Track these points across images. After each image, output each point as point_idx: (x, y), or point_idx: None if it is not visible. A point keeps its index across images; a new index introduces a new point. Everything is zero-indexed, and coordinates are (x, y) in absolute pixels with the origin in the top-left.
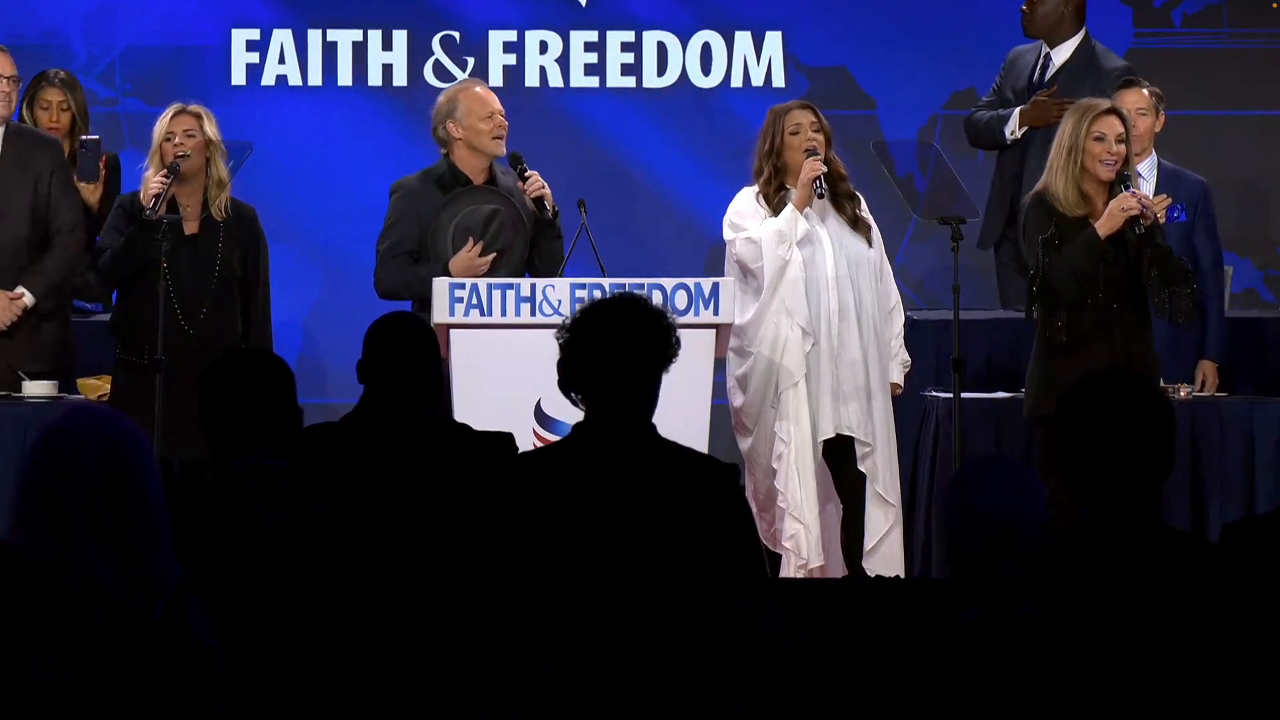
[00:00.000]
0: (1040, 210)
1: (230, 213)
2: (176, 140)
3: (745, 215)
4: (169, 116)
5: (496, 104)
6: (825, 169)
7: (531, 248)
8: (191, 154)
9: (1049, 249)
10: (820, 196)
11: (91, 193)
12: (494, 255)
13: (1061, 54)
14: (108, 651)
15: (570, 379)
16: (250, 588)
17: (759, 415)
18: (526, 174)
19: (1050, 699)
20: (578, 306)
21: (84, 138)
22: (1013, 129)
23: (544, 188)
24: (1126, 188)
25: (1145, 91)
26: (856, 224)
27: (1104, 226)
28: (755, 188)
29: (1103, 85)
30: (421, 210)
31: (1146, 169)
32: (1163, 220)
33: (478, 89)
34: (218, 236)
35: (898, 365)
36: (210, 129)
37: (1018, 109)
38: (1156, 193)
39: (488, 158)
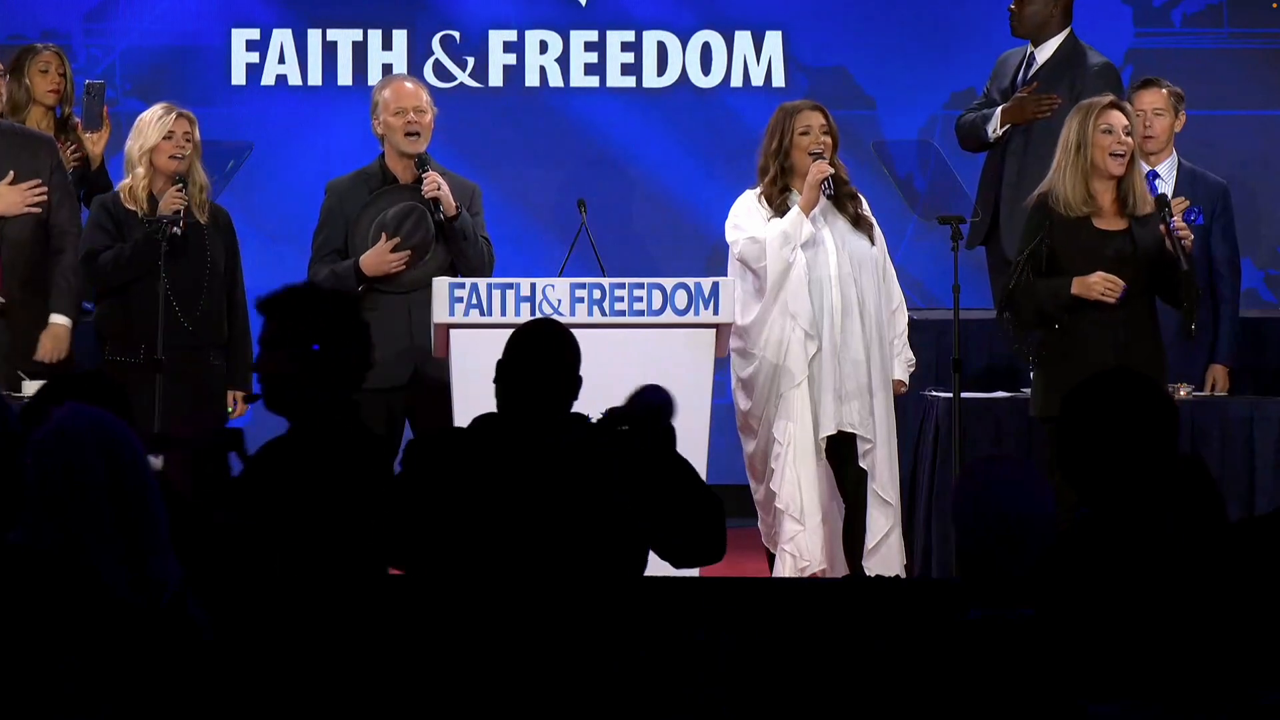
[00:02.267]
0: (1037, 217)
1: (210, 213)
2: (178, 141)
3: (748, 216)
4: (171, 116)
5: (412, 100)
6: (833, 170)
7: (452, 253)
8: (187, 154)
9: (1029, 266)
10: (829, 197)
11: (95, 142)
12: (408, 252)
13: (1045, 52)
14: (112, 644)
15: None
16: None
17: (763, 417)
18: (424, 174)
19: (1049, 699)
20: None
21: (88, 81)
22: (994, 127)
23: (439, 188)
24: (1168, 218)
25: (1164, 91)
26: (859, 223)
27: (1079, 288)
28: (757, 189)
29: (1082, 81)
30: (349, 209)
31: (1166, 169)
32: (1181, 225)
33: (396, 83)
34: (203, 235)
35: (902, 363)
36: (197, 133)
37: (1000, 108)
38: (1175, 194)
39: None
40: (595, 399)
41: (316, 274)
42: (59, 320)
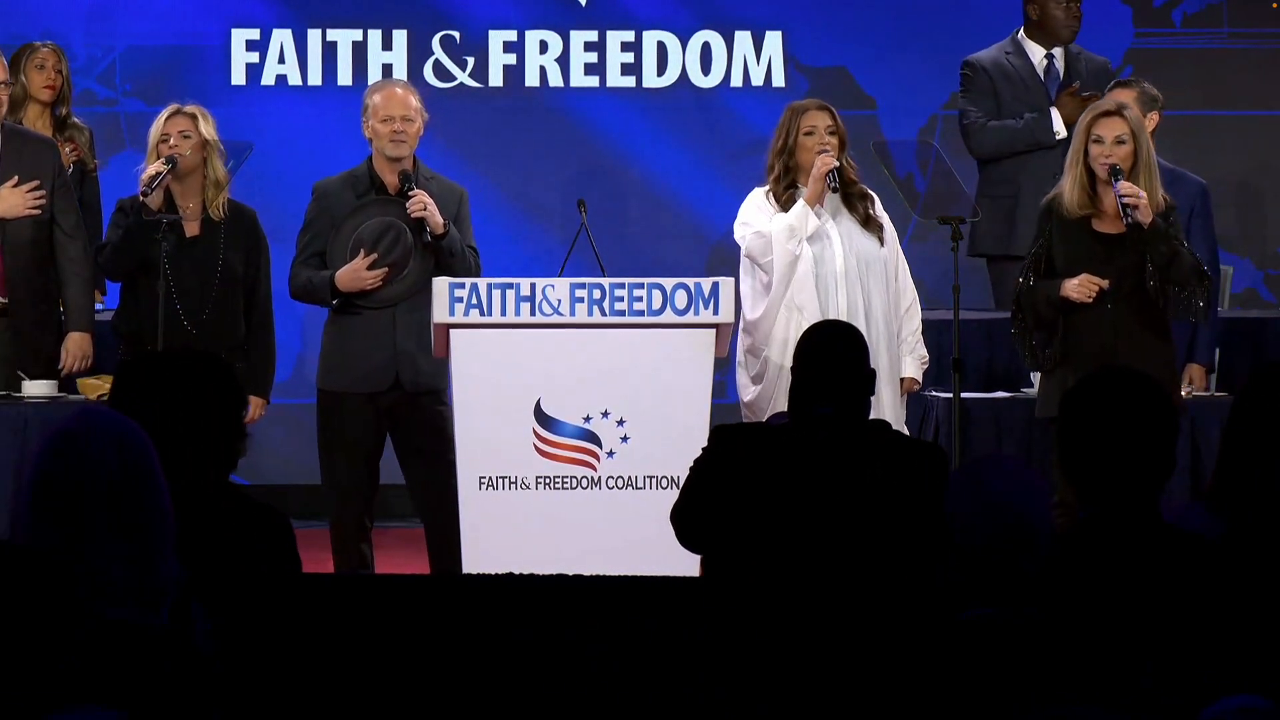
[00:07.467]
0: (1042, 219)
1: (229, 213)
2: (172, 141)
3: (755, 213)
4: (164, 117)
5: (400, 108)
6: (838, 163)
7: (439, 267)
8: (188, 153)
9: (1032, 268)
10: (834, 191)
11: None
12: (384, 270)
13: (1061, 53)
14: (113, 654)
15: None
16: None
17: (769, 410)
18: (411, 193)
19: (1050, 699)
20: None
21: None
22: (1059, 128)
23: (425, 209)
24: (1116, 181)
25: (1134, 90)
26: (868, 223)
27: (1064, 290)
28: (765, 187)
29: (1103, 79)
30: (335, 213)
31: None
32: (1146, 219)
33: (387, 89)
34: (218, 237)
35: (914, 360)
36: (206, 129)
37: (1054, 109)
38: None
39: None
40: (595, 399)
41: (296, 275)
42: (75, 335)
